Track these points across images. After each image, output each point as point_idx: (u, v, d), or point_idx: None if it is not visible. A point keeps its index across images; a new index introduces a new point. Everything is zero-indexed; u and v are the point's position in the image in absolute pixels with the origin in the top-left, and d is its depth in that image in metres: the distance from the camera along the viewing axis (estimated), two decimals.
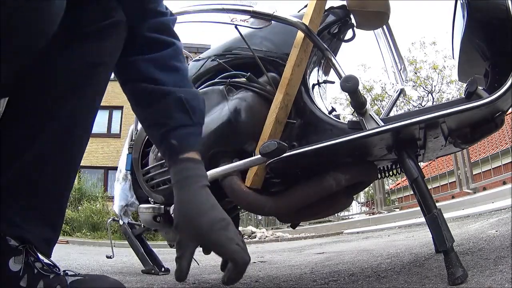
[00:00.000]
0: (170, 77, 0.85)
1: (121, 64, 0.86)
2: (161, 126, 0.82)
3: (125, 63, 0.86)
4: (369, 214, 7.83)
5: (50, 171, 0.79)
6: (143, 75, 0.84)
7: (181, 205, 0.77)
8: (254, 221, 10.65)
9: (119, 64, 0.86)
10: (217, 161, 1.25)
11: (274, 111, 1.22)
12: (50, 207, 0.81)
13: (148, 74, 0.84)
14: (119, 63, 0.85)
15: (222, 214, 0.76)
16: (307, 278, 1.49)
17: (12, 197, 0.77)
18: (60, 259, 3.14)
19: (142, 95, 0.86)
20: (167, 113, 0.82)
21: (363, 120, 1.14)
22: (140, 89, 0.85)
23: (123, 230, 2.28)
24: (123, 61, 0.85)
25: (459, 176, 5.74)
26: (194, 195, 0.76)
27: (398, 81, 1.69)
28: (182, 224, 0.77)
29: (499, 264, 1.03)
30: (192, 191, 0.76)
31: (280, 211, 1.20)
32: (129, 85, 0.88)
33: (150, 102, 0.84)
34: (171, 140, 0.80)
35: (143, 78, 0.85)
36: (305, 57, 1.28)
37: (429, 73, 18.04)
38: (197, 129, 0.85)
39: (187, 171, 0.78)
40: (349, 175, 1.14)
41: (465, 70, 1.32)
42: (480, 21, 1.11)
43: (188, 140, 0.82)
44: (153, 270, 2.12)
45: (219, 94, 1.31)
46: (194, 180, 0.78)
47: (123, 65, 0.86)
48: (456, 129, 1.09)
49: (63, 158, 0.80)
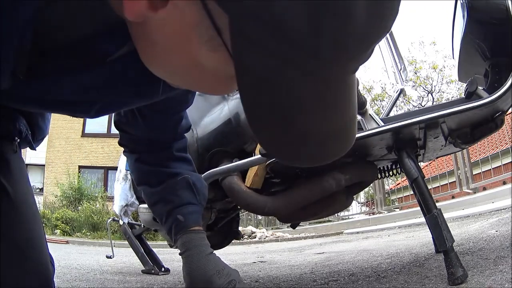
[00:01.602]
0: (178, 163, 0.93)
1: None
2: (168, 203, 0.89)
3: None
4: (369, 214, 7.82)
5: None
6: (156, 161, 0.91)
7: (191, 272, 0.83)
8: (254, 221, 10.65)
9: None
10: (217, 161, 1.25)
11: None
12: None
13: (161, 161, 0.91)
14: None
15: (229, 276, 0.83)
16: (307, 278, 1.49)
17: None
18: (60, 259, 3.14)
19: (151, 174, 0.91)
20: (174, 191, 0.89)
21: (363, 120, 1.14)
22: (150, 169, 0.91)
23: (123, 230, 2.29)
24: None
25: (459, 176, 5.73)
26: (203, 263, 0.84)
27: (398, 81, 1.69)
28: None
29: (499, 264, 1.03)
30: (201, 259, 0.84)
31: (280, 211, 1.20)
32: (138, 164, 0.93)
33: (160, 181, 0.90)
34: (178, 216, 0.87)
35: (154, 163, 0.91)
36: None
37: (429, 73, 18.02)
38: (200, 208, 0.92)
39: (194, 241, 0.86)
40: (349, 175, 1.14)
41: (465, 70, 1.32)
42: (480, 21, 1.11)
43: (193, 216, 0.88)
44: (153, 270, 2.12)
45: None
46: (201, 249, 0.85)
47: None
48: (456, 129, 1.09)
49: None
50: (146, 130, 0.85)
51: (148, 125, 0.83)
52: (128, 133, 0.89)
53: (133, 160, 0.92)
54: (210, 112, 1.29)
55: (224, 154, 1.26)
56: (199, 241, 0.87)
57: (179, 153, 0.93)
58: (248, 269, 2.09)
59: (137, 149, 0.91)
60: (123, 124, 0.87)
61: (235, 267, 0.93)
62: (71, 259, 3.34)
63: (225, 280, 0.82)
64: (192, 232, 0.87)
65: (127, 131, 0.89)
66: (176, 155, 0.92)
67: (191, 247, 0.85)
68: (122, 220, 2.19)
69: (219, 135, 1.27)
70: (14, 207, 0.70)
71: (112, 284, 1.67)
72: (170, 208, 0.88)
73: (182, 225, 0.87)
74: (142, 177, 0.93)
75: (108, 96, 0.57)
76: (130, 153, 0.93)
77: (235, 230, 1.71)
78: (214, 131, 1.27)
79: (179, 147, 0.93)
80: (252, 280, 1.61)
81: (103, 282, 1.71)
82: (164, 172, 0.90)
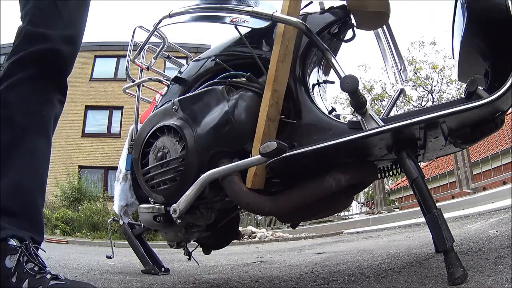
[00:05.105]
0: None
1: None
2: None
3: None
4: (369, 214, 7.82)
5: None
6: None
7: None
8: (254, 221, 10.65)
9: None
10: (217, 161, 1.25)
11: (264, 109, 1.22)
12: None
13: None
14: None
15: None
16: (307, 278, 1.49)
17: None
18: (60, 259, 3.14)
19: None
20: None
21: (363, 120, 1.14)
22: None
23: (123, 230, 2.28)
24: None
25: (459, 176, 5.74)
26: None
27: (398, 81, 1.69)
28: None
29: (499, 264, 1.03)
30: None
31: (280, 211, 1.20)
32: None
33: None
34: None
35: None
36: (288, 53, 1.28)
37: (429, 73, 18.03)
38: None
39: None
40: (349, 175, 1.14)
41: (465, 70, 1.32)
42: (480, 21, 1.11)
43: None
44: (153, 270, 2.12)
45: (219, 94, 1.31)
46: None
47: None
48: (456, 129, 1.08)
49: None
50: None
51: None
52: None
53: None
54: (210, 112, 1.29)
55: (224, 154, 1.26)
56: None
57: None
58: (248, 269, 2.09)
59: None
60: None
61: (235, 267, 0.93)
62: (71, 259, 3.34)
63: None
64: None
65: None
66: None
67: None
68: (122, 220, 2.18)
69: (219, 135, 1.27)
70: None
71: (112, 284, 1.67)
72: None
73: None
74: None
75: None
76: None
77: (235, 230, 1.71)
78: (214, 131, 1.27)
79: None
80: (252, 280, 1.61)
81: (103, 282, 1.71)
82: None
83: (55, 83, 1.19)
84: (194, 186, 1.21)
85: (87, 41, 16.77)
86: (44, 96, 1.16)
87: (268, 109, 1.21)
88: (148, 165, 1.38)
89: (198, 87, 1.52)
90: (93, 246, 7.40)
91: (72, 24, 1.19)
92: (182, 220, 1.27)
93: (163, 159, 1.32)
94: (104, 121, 16.01)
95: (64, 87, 1.24)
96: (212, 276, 1.83)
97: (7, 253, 0.98)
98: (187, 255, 1.87)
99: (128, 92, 2.01)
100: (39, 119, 1.15)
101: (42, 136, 1.16)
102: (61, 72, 1.19)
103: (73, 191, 12.61)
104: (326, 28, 1.41)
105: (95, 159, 15.26)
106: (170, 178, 1.30)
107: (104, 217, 10.30)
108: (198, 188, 1.21)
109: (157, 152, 1.35)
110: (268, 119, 1.21)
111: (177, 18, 1.54)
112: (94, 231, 10.24)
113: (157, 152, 1.35)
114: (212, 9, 1.44)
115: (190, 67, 1.64)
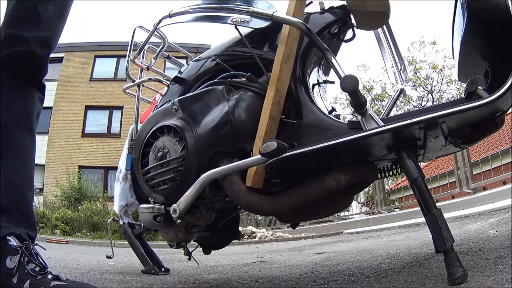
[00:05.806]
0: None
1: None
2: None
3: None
4: (369, 214, 7.82)
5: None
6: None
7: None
8: (254, 221, 10.65)
9: None
10: (217, 161, 1.25)
11: (267, 108, 1.22)
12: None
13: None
14: None
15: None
16: (307, 278, 1.49)
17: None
18: (60, 259, 3.14)
19: None
20: None
21: (363, 120, 1.14)
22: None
23: (123, 230, 2.28)
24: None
25: (459, 176, 5.74)
26: None
27: (398, 81, 1.69)
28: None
29: (499, 264, 1.03)
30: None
31: (280, 211, 1.20)
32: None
33: None
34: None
35: None
36: (291, 53, 1.28)
37: (429, 73, 18.03)
38: None
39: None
40: (349, 175, 1.14)
41: (465, 70, 1.32)
42: (480, 21, 1.11)
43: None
44: (153, 270, 2.12)
45: (219, 94, 1.31)
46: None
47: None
48: (456, 129, 1.08)
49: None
50: None
51: None
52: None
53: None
54: (210, 112, 1.29)
55: (224, 154, 1.26)
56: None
57: None
58: (248, 269, 2.09)
59: None
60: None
61: (235, 267, 0.93)
62: (71, 259, 3.34)
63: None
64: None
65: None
66: None
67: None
68: (122, 220, 2.18)
69: (219, 135, 1.27)
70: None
71: (112, 284, 1.67)
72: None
73: None
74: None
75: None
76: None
77: (235, 230, 1.70)
78: (214, 131, 1.27)
79: None
80: (252, 280, 1.61)
81: (103, 282, 1.71)
82: None
83: (34, 82, 1.23)
84: (194, 186, 1.21)
85: (87, 41, 16.81)
86: (25, 93, 1.20)
87: (271, 108, 1.21)
88: (148, 165, 1.38)
89: (198, 87, 1.52)
90: (93, 246, 7.41)
91: (50, 26, 1.23)
92: (182, 220, 1.27)
93: (163, 159, 1.32)
94: (104, 121, 16.02)
95: (42, 86, 1.28)
96: (212, 276, 1.83)
97: (8, 254, 0.99)
98: (187, 255, 1.87)
99: (128, 92, 2.01)
100: (23, 116, 1.19)
101: (27, 132, 1.19)
102: (37, 72, 1.23)
103: (73, 191, 12.61)
104: (326, 28, 1.41)
105: (95, 159, 15.26)
106: (170, 178, 1.30)
107: (104, 217, 10.30)
108: (198, 188, 1.21)
109: (157, 152, 1.35)
110: (271, 118, 1.21)
111: (177, 18, 1.54)
112: (94, 231, 10.24)
113: (157, 152, 1.35)
114: (212, 9, 1.44)
115: (190, 67, 1.64)
